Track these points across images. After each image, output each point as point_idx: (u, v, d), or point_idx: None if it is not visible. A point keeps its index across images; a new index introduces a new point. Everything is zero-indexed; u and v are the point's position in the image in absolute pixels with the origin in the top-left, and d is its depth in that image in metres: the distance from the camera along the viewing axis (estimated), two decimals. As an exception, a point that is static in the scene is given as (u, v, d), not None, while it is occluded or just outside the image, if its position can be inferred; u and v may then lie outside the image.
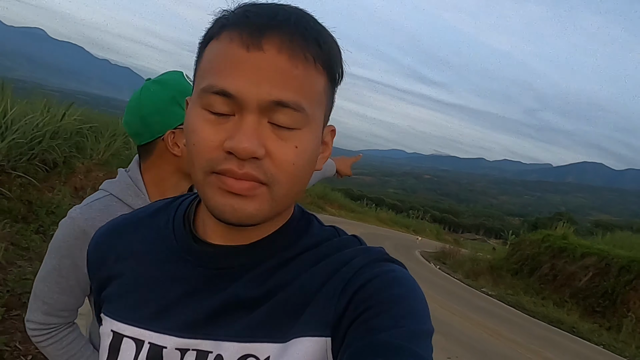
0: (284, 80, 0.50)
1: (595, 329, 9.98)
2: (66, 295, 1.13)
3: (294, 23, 0.52)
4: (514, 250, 16.72)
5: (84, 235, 1.07)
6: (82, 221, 1.09)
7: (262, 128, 0.51)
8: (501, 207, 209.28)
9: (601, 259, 12.70)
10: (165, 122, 1.14)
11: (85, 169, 9.14)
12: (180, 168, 1.18)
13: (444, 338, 6.27)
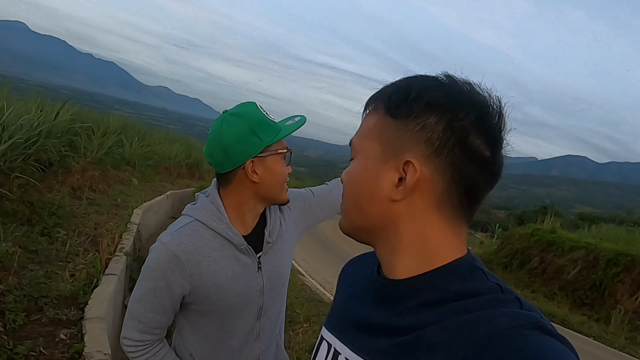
0: (358, 129, 0.72)
1: (585, 321, 10.22)
2: (160, 314, 1.24)
3: (375, 92, 0.71)
4: (503, 244, 16.96)
5: (176, 260, 1.21)
6: (174, 247, 1.22)
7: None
8: (487, 200, 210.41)
9: (589, 252, 12.96)
10: (245, 152, 1.23)
11: (81, 168, 9.06)
12: (258, 193, 1.29)
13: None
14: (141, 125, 17.71)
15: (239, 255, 1.28)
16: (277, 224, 1.37)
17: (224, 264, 1.26)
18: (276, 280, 1.36)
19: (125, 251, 5.08)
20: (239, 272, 1.28)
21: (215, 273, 1.24)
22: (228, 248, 1.27)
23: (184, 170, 17.24)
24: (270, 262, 1.34)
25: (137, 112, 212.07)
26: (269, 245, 1.34)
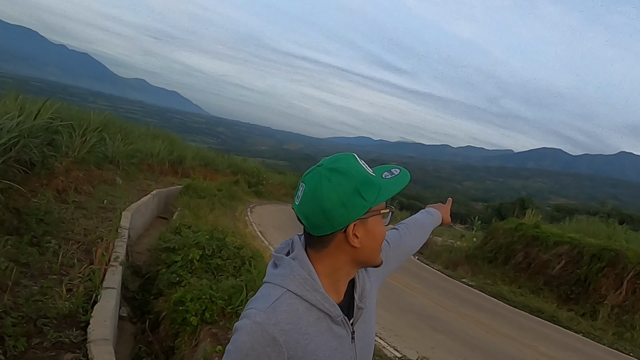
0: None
1: (573, 317, 10.37)
2: None
3: None
4: (487, 239, 17.12)
5: (274, 343, 1.03)
6: (270, 327, 1.03)
7: None
8: (466, 192, 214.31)
9: (573, 247, 13.16)
10: (349, 215, 1.08)
11: (64, 168, 8.73)
12: (355, 257, 1.13)
13: (449, 339, 6.37)
14: (122, 121, 17.25)
15: (334, 328, 1.13)
16: (365, 285, 1.23)
17: (321, 340, 1.10)
18: (366, 348, 1.23)
19: (120, 260, 4.87)
20: (335, 347, 1.13)
21: (314, 352, 1.09)
22: (323, 321, 1.11)
23: (168, 167, 16.90)
24: (361, 330, 1.21)
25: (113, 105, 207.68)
26: (360, 311, 1.19)
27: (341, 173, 1.08)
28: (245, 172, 23.45)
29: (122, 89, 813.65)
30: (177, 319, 4.10)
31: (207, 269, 5.04)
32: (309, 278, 1.10)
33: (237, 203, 15.27)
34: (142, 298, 5.36)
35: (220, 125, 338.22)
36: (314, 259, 1.13)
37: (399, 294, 8.60)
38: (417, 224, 1.61)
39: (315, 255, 1.13)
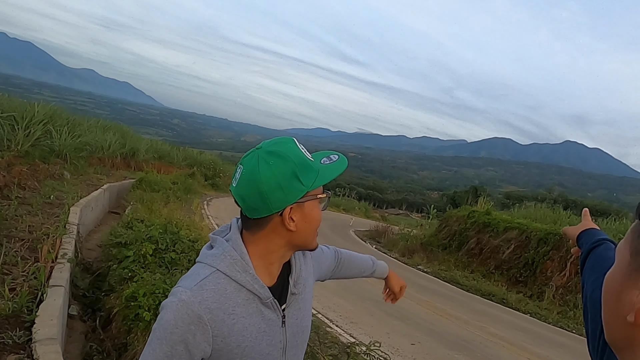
0: None
1: (522, 299, 10.87)
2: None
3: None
4: (442, 226, 17.61)
5: (198, 321, 1.02)
6: (195, 305, 1.03)
7: None
8: (421, 182, 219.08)
9: (521, 232, 13.74)
10: (286, 198, 1.07)
11: (6, 163, 8.31)
12: (291, 241, 1.14)
13: (404, 324, 6.52)
14: (70, 113, 16.51)
15: (264, 310, 1.13)
16: (302, 272, 1.25)
17: (249, 322, 1.10)
18: (299, 335, 1.23)
19: (68, 257, 4.69)
20: (264, 329, 1.13)
21: (241, 333, 1.08)
22: (253, 303, 1.11)
23: (119, 160, 16.36)
24: (294, 316, 1.21)
25: (60, 96, 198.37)
26: (294, 296, 1.21)
27: (279, 156, 1.07)
28: (201, 165, 23.01)
29: (69, 80, 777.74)
30: (130, 315, 4.00)
31: (161, 264, 4.93)
32: (239, 259, 1.10)
33: (193, 196, 14.99)
34: (93, 295, 5.18)
35: (175, 117, 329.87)
36: (249, 241, 1.13)
37: (356, 282, 8.73)
38: (358, 262, 1.64)
39: (251, 238, 1.13)
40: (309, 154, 1.14)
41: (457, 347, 6.02)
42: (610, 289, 0.58)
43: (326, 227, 17.98)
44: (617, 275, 0.57)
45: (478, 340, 6.54)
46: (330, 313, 6.21)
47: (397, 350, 5.35)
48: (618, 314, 0.55)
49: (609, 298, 0.58)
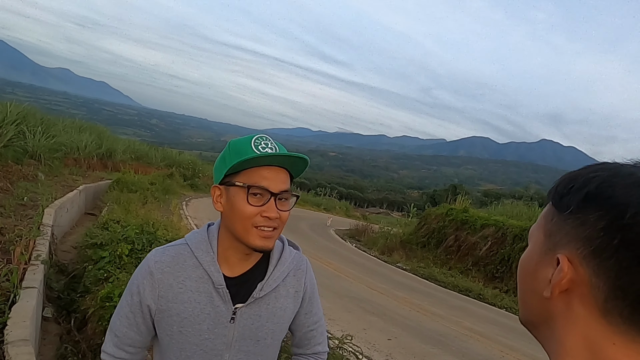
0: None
1: (498, 294, 11.09)
2: (133, 331, 1.18)
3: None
4: (421, 224, 17.81)
5: (150, 277, 1.15)
6: (152, 263, 1.16)
7: None
8: (402, 181, 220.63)
9: (498, 229, 14.02)
10: (216, 178, 1.18)
11: (-23, 165, 8.14)
12: (227, 226, 1.17)
13: (381, 320, 6.61)
14: (44, 113, 16.20)
15: (214, 296, 1.16)
16: (278, 284, 1.22)
17: (195, 298, 1.14)
18: (251, 343, 1.20)
19: (42, 259, 4.64)
20: (209, 312, 1.15)
21: (184, 304, 1.14)
22: (206, 283, 1.15)
23: (96, 161, 16.11)
24: (249, 320, 1.19)
25: (33, 95, 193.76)
26: (255, 301, 1.19)
27: (230, 145, 1.15)
28: (180, 165, 22.80)
29: (44, 79, 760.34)
30: (105, 316, 3.98)
31: (137, 264, 4.91)
32: (206, 241, 1.18)
33: (172, 197, 14.88)
34: (68, 297, 5.13)
35: (154, 117, 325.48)
36: (222, 226, 1.21)
37: (335, 280, 8.81)
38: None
39: (221, 224, 1.21)
40: (271, 147, 1.13)
41: (433, 341, 6.14)
42: (526, 270, 0.63)
43: (306, 227, 18.03)
44: (534, 255, 0.62)
45: (453, 334, 6.67)
46: (308, 311, 6.27)
47: (373, 345, 5.43)
48: (534, 291, 0.61)
49: (525, 278, 0.63)
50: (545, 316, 0.60)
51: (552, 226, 0.61)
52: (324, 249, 13.23)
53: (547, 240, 0.61)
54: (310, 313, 1.31)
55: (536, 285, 0.61)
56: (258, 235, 1.11)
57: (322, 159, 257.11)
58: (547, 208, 0.64)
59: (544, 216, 0.64)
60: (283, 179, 1.13)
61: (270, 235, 1.12)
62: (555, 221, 0.61)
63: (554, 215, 0.62)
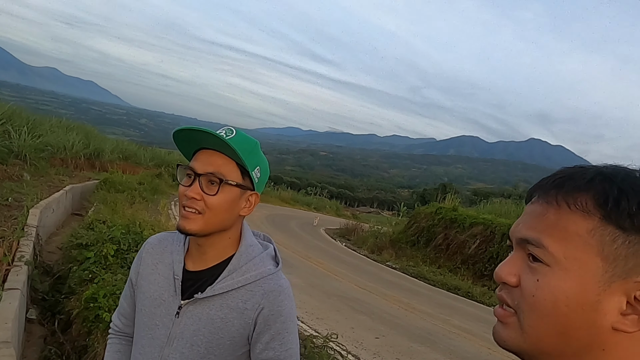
0: (533, 222, 0.59)
1: (486, 292, 11.18)
2: (126, 301, 1.29)
3: (563, 177, 0.60)
4: (410, 223, 17.88)
5: (140, 253, 1.26)
6: (146, 243, 1.27)
7: (520, 261, 0.59)
8: (392, 180, 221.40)
9: (486, 227, 14.12)
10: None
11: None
12: None
13: (369, 318, 6.63)
14: (30, 112, 16.00)
15: (172, 287, 1.17)
16: (229, 292, 1.13)
17: (160, 282, 1.18)
18: (186, 345, 1.13)
19: (25, 260, 4.58)
20: (164, 300, 1.17)
21: (150, 284, 1.20)
22: (171, 271, 1.19)
23: (83, 161, 15.94)
24: (190, 320, 1.14)
25: (20, 95, 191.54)
26: (197, 302, 1.14)
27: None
28: (169, 165, 22.64)
29: (31, 79, 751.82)
30: (90, 317, 3.94)
31: (123, 264, 4.86)
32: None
33: (160, 197, 14.76)
34: (53, 299, 5.08)
35: (143, 116, 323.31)
36: None
37: (324, 279, 8.82)
38: None
39: None
40: (225, 130, 1.13)
41: (421, 339, 6.17)
42: (578, 301, 0.55)
43: (295, 225, 18.02)
44: (588, 284, 0.54)
45: (441, 332, 6.71)
46: (297, 311, 6.27)
47: (361, 344, 5.45)
48: (590, 323, 0.54)
49: (572, 308, 0.55)
50: (594, 349, 0.55)
51: (618, 249, 0.54)
52: (314, 248, 13.23)
53: (611, 266, 0.54)
54: (267, 347, 1.12)
55: (597, 318, 0.54)
56: (181, 215, 1.11)
57: (313, 158, 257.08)
58: (591, 226, 0.55)
59: (595, 236, 0.55)
60: (213, 162, 1.09)
61: (187, 216, 1.09)
62: (623, 244, 0.54)
63: (618, 236, 0.54)
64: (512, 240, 0.62)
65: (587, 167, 0.60)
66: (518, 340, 0.57)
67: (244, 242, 1.17)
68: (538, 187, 0.62)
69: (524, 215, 0.62)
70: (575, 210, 0.56)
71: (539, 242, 0.57)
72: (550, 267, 0.56)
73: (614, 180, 0.56)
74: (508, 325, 0.58)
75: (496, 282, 0.60)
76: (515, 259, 0.59)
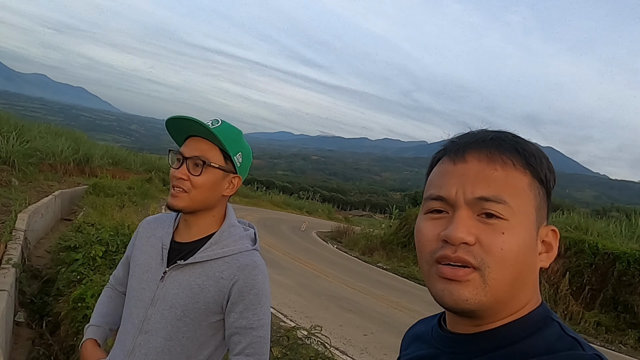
0: (484, 180, 0.62)
1: (475, 291, 11.27)
2: (121, 268, 1.48)
3: (491, 139, 0.65)
4: (401, 225, 17.94)
5: (138, 228, 1.42)
6: (144, 221, 1.45)
7: (472, 220, 0.61)
8: (384, 183, 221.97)
9: (476, 227, 14.21)
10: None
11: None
12: None
13: (358, 317, 6.69)
14: (18, 118, 15.93)
15: (160, 255, 1.31)
16: (208, 262, 1.26)
17: (149, 252, 1.33)
18: (167, 307, 1.25)
19: (13, 262, 4.59)
20: (152, 267, 1.31)
21: (142, 253, 1.34)
22: (160, 242, 1.33)
23: (72, 166, 15.89)
24: (172, 284, 1.26)
25: (8, 102, 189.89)
26: (179, 267, 1.27)
27: None
28: (160, 170, 22.59)
29: (19, 85, 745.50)
30: (77, 317, 3.97)
31: (111, 265, 4.89)
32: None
33: (150, 201, 14.75)
34: (41, 301, 5.09)
35: (133, 122, 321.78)
36: None
37: (314, 279, 8.87)
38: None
39: None
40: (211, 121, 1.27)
41: (409, 336, 6.23)
42: (529, 246, 0.62)
43: (286, 229, 18.05)
44: (532, 231, 0.62)
45: (430, 329, 6.78)
46: (285, 309, 6.32)
47: (349, 341, 5.51)
48: (532, 267, 0.62)
49: (527, 256, 0.61)
50: (525, 287, 0.63)
51: (540, 202, 0.64)
52: (305, 251, 13.28)
53: (537, 215, 0.63)
54: (241, 316, 1.22)
55: (535, 261, 0.63)
56: (171, 194, 1.26)
57: (305, 162, 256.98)
58: (528, 181, 0.63)
59: (532, 191, 0.63)
60: (199, 147, 1.25)
61: (175, 194, 1.25)
62: (542, 197, 0.65)
63: (541, 191, 0.64)
64: (453, 202, 0.63)
65: (496, 131, 0.67)
66: (480, 295, 0.60)
67: (227, 222, 1.32)
68: (466, 146, 0.65)
69: (462, 176, 0.63)
70: (518, 167, 0.63)
71: (500, 199, 0.61)
72: (508, 221, 0.60)
73: (529, 145, 0.65)
74: (469, 282, 0.60)
75: (455, 243, 0.60)
76: (467, 219, 0.61)
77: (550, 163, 0.66)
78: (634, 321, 9.18)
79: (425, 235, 0.64)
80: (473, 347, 0.64)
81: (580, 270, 10.55)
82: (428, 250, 0.63)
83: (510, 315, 0.63)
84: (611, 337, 8.91)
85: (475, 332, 0.64)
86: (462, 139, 0.67)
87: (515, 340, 0.61)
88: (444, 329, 0.71)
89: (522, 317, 0.63)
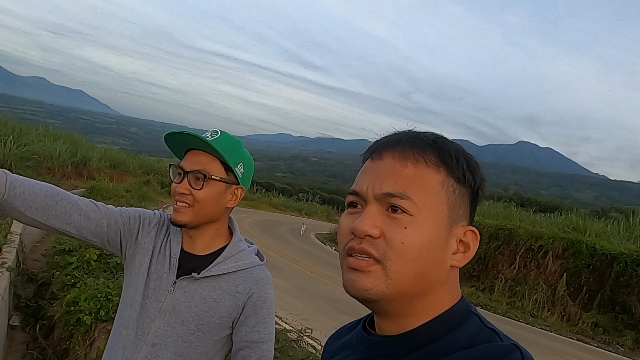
0: (393, 177, 0.64)
1: (473, 292, 11.28)
2: (118, 211, 1.29)
3: (408, 138, 0.67)
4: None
5: (155, 221, 1.32)
6: (165, 216, 1.35)
7: (379, 215, 0.63)
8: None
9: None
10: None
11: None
12: None
13: (354, 319, 6.65)
14: (16, 122, 15.94)
15: (169, 264, 1.27)
16: (222, 276, 1.26)
17: (158, 258, 1.28)
18: (177, 320, 1.23)
19: (7, 266, 4.59)
20: (160, 275, 1.27)
21: (147, 254, 1.28)
22: (169, 250, 1.29)
23: (70, 169, 15.89)
24: (183, 296, 1.24)
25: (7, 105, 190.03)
26: (192, 280, 1.25)
27: None
28: (158, 173, 22.58)
29: (18, 88, 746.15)
30: (71, 320, 3.97)
31: (105, 269, 4.90)
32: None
33: (148, 204, 14.74)
34: (36, 304, 5.08)
35: (132, 125, 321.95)
36: None
37: (310, 281, 8.87)
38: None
39: None
40: (208, 134, 1.27)
41: (406, 338, 6.22)
42: (435, 242, 0.63)
43: (284, 231, 18.05)
44: (440, 228, 0.63)
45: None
46: (281, 311, 6.31)
47: (345, 343, 5.48)
48: (439, 263, 0.63)
49: (431, 251, 0.62)
50: (439, 286, 0.64)
51: (456, 200, 0.65)
52: (302, 252, 13.27)
53: (451, 214, 0.64)
54: (253, 330, 1.25)
55: (445, 259, 0.64)
56: (174, 209, 1.24)
57: (304, 164, 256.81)
58: (441, 179, 0.64)
59: (444, 188, 0.64)
60: (199, 161, 1.23)
61: (179, 210, 1.23)
62: (459, 196, 0.65)
63: (456, 189, 0.65)
64: (364, 197, 0.65)
65: (420, 132, 0.69)
66: (381, 287, 0.62)
67: (236, 236, 1.32)
68: (384, 145, 0.68)
69: (375, 172, 0.66)
70: (431, 165, 0.64)
71: (405, 195, 0.62)
72: (413, 217, 0.62)
73: (447, 144, 0.67)
74: (371, 273, 0.62)
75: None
76: (374, 213, 0.63)
77: (473, 163, 0.67)
78: (631, 322, 9.19)
79: (342, 229, 0.66)
80: (399, 347, 0.66)
81: (577, 271, 10.56)
82: (343, 242, 0.66)
83: (428, 311, 0.65)
84: (609, 338, 8.91)
85: (399, 333, 0.66)
86: (385, 138, 0.69)
87: (437, 336, 0.63)
88: (371, 333, 0.72)
89: (443, 313, 0.65)
